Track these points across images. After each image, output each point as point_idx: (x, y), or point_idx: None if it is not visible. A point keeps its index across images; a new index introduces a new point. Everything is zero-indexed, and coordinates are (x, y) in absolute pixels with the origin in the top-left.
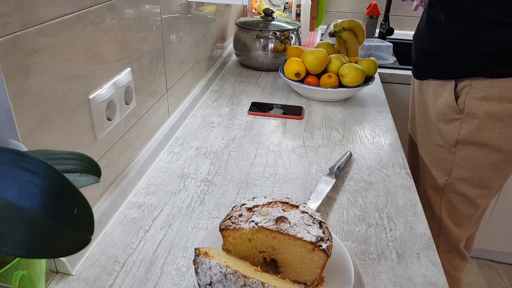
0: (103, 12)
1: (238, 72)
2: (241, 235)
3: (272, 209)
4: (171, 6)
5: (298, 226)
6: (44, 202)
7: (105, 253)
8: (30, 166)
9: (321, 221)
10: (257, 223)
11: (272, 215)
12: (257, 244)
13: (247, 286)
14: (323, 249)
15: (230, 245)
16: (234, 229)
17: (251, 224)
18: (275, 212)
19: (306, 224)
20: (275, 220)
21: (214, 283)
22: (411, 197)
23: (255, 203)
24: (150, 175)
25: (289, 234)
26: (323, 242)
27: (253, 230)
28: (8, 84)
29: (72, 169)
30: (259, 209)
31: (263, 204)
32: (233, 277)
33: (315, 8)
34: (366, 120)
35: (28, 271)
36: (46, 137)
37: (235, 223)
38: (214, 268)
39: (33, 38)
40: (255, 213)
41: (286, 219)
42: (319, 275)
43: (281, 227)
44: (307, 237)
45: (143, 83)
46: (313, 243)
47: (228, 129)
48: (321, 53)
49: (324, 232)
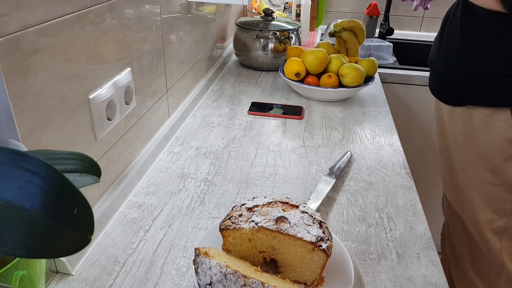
0: (103, 12)
1: (238, 72)
2: (241, 235)
3: (272, 209)
4: (171, 6)
5: (298, 226)
6: (44, 202)
7: (105, 253)
8: (30, 166)
9: (321, 221)
10: (257, 223)
11: (272, 215)
12: (257, 244)
13: (247, 286)
14: (323, 249)
15: (230, 245)
16: (234, 229)
17: (251, 224)
18: (275, 212)
19: (306, 224)
20: (275, 220)
21: (214, 283)
22: (411, 197)
23: (255, 203)
24: (150, 175)
25: (289, 234)
26: (323, 242)
27: (253, 230)
28: (8, 84)
29: (72, 169)
30: (259, 209)
31: (263, 204)
32: (233, 277)
33: (315, 8)
34: (366, 120)
35: (28, 271)
36: (46, 137)
37: (235, 223)
38: (214, 268)
39: (33, 38)
40: (255, 213)
41: (286, 219)
42: (319, 275)
43: (281, 227)
44: (307, 237)
45: (143, 83)
46: (313, 243)
47: (228, 129)
48: (321, 53)
49: (324, 232)
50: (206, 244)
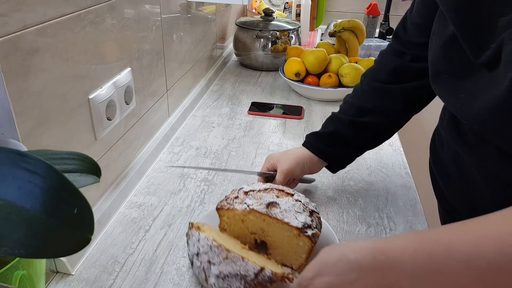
0: (103, 12)
1: (238, 72)
2: (234, 216)
3: (267, 195)
4: (171, 6)
5: (288, 212)
6: (44, 202)
7: (105, 253)
8: (30, 166)
9: (313, 211)
10: (249, 205)
11: (265, 200)
12: (249, 226)
13: (229, 259)
14: (308, 235)
15: (225, 224)
16: (228, 209)
17: (244, 206)
18: (268, 197)
19: (296, 211)
20: (266, 204)
21: (201, 253)
22: (411, 197)
23: (252, 188)
24: (150, 175)
25: (277, 218)
26: (310, 229)
27: (245, 212)
28: (8, 84)
29: (72, 169)
30: (254, 193)
31: (259, 190)
32: (217, 250)
33: (315, 8)
34: None
35: (28, 271)
36: (46, 137)
37: (230, 204)
38: (202, 240)
39: (33, 38)
40: (249, 197)
41: (277, 204)
42: (305, 260)
43: (271, 211)
44: (293, 223)
45: (143, 83)
46: (299, 228)
47: (228, 129)
48: (321, 53)
49: (313, 221)
50: (207, 222)
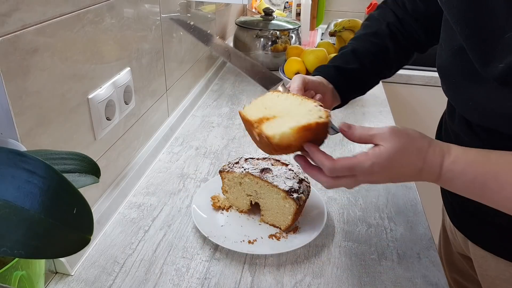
0: (102, 12)
1: (238, 71)
2: (233, 178)
3: (264, 162)
4: (171, 5)
5: (279, 177)
6: (43, 202)
7: (105, 253)
8: (29, 166)
9: (303, 179)
10: (245, 169)
11: (260, 166)
12: (245, 188)
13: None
14: (293, 198)
15: (226, 186)
16: (228, 171)
17: (241, 169)
18: (263, 164)
19: (286, 178)
20: (261, 170)
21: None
22: (412, 197)
23: (252, 156)
24: (150, 175)
25: (267, 181)
26: (296, 193)
27: (242, 175)
28: (7, 83)
29: (71, 169)
30: (253, 160)
31: (258, 158)
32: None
33: (315, 8)
34: (367, 120)
35: (27, 272)
36: (45, 137)
37: (230, 167)
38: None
39: (32, 37)
40: (248, 162)
41: (270, 170)
42: (291, 221)
43: (263, 175)
44: (281, 186)
45: (142, 82)
46: (286, 191)
47: (228, 129)
48: (321, 52)
49: (300, 187)
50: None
